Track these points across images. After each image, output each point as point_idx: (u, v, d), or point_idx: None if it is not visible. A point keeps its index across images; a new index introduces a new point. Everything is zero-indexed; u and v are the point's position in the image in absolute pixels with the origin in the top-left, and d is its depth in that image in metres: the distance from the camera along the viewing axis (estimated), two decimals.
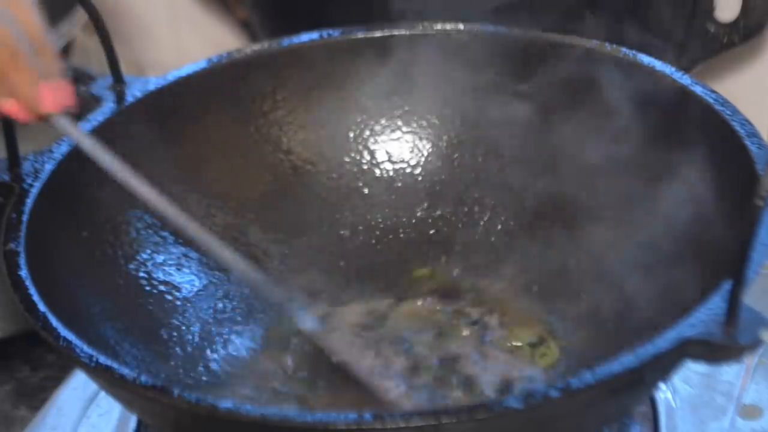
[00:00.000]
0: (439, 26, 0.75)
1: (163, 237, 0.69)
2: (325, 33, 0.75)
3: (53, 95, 0.58)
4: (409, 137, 0.76)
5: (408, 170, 0.76)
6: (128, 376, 0.51)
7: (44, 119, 0.59)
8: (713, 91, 0.64)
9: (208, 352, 0.66)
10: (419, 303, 0.71)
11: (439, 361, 0.66)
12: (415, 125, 0.76)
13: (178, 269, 0.69)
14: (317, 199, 0.74)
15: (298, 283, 0.72)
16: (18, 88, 0.57)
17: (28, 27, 0.57)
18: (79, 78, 0.74)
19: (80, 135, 0.61)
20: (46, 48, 0.58)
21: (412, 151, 0.76)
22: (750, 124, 0.61)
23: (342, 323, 0.69)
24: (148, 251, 0.68)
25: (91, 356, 0.52)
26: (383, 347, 0.67)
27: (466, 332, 0.68)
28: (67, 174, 0.65)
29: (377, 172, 0.76)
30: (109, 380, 0.52)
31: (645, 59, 0.68)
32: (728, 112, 0.62)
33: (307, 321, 0.64)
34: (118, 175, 0.60)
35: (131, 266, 0.66)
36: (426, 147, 0.76)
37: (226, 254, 0.62)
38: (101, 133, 0.67)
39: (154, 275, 0.67)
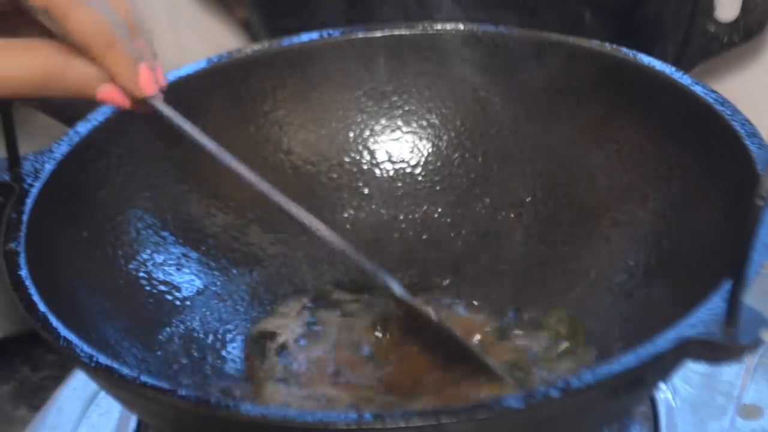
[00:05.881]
0: (439, 26, 0.75)
1: (163, 237, 0.69)
2: (325, 33, 0.75)
3: (151, 77, 0.58)
4: (409, 137, 0.76)
5: (408, 170, 0.76)
6: (128, 376, 0.51)
7: (140, 103, 0.59)
8: (713, 91, 0.64)
9: (208, 352, 0.67)
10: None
11: None
12: (415, 125, 0.76)
13: (178, 269, 0.69)
14: (317, 199, 0.74)
15: (299, 283, 0.72)
16: (117, 74, 0.57)
17: (121, 12, 0.57)
18: None
19: (176, 116, 0.61)
20: (139, 31, 0.58)
21: (412, 151, 0.76)
22: (750, 124, 0.61)
23: None
24: (148, 251, 0.68)
25: (91, 356, 0.52)
26: None
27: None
28: (67, 174, 0.65)
29: (377, 172, 0.76)
30: (109, 380, 0.52)
31: (645, 59, 0.68)
32: (728, 112, 0.62)
33: (398, 288, 0.63)
34: (214, 153, 0.61)
35: (131, 266, 0.66)
36: (426, 147, 0.76)
37: (313, 221, 0.62)
38: (101, 133, 0.67)
39: (154, 275, 0.67)
